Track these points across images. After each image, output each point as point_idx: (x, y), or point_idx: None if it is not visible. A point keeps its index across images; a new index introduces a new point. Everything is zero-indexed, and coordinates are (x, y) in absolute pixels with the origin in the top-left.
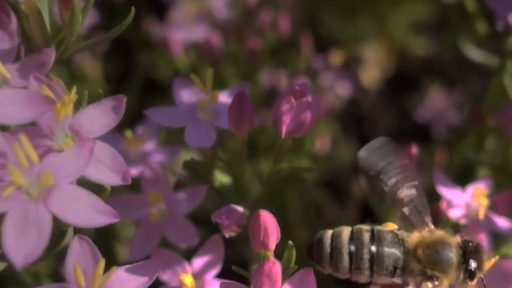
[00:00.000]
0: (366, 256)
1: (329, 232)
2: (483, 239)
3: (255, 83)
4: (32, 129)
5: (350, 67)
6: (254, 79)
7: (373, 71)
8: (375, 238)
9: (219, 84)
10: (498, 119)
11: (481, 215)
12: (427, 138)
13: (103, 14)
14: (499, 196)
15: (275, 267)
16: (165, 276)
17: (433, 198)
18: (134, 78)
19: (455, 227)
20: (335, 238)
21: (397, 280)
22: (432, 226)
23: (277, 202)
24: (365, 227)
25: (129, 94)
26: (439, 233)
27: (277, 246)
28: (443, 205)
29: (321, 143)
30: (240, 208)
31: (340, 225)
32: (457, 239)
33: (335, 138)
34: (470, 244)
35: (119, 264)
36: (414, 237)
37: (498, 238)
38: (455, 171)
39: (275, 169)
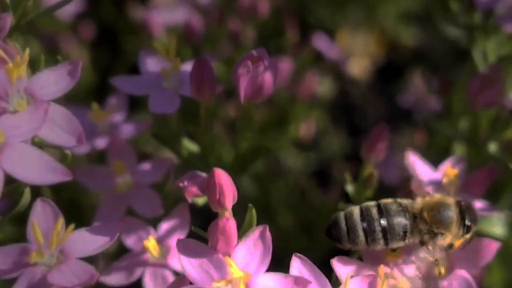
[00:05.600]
0: (378, 228)
1: (342, 214)
2: None
3: None
4: None
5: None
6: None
7: (363, 61)
8: (383, 211)
9: None
10: (466, 91)
11: (452, 193)
12: (416, 128)
13: (88, 1)
14: (472, 175)
15: (229, 223)
16: (130, 242)
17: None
18: (121, 64)
19: None
20: (348, 218)
21: (408, 241)
22: (431, 192)
23: (262, 189)
24: (372, 203)
25: None
26: (438, 196)
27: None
28: (415, 184)
29: (306, 129)
30: (204, 174)
31: (324, 210)
32: (453, 199)
33: (324, 128)
34: (462, 203)
35: None
36: (418, 202)
37: None
38: (438, 152)
39: (240, 137)
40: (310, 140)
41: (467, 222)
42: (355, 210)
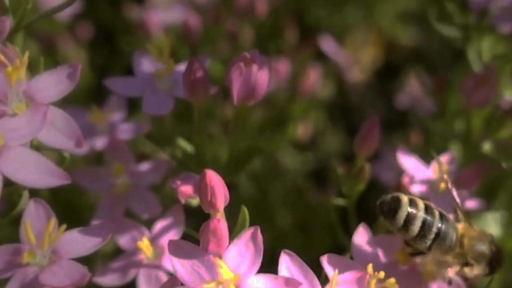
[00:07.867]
0: (434, 230)
1: (405, 197)
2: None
3: None
4: None
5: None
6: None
7: (365, 67)
8: (443, 217)
9: None
10: (460, 90)
11: (442, 189)
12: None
13: (86, 2)
14: (464, 171)
15: (220, 224)
16: (123, 242)
17: None
18: (118, 64)
19: None
20: (413, 204)
21: (445, 256)
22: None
23: (260, 189)
24: (435, 206)
25: None
26: (478, 229)
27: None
28: (406, 179)
29: (304, 128)
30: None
31: (322, 210)
32: (489, 236)
33: (322, 127)
34: (494, 242)
35: None
36: (460, 227)
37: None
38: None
39: (235, 137)
40: (308, 140)
41: (493, 264)
42: (420, 200)
